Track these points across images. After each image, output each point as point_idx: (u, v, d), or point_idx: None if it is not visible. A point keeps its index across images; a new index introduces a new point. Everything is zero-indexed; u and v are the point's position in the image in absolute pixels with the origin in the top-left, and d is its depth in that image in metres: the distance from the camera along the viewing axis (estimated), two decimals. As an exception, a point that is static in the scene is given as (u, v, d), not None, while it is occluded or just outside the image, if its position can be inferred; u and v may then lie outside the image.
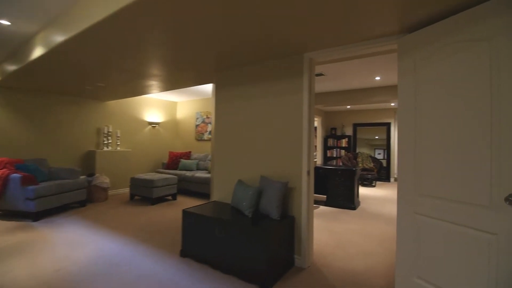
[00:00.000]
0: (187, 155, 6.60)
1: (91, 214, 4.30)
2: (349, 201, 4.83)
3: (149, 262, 2.59)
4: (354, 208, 4.78)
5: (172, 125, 7.47)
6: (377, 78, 4.65)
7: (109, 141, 5.95)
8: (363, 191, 6.73)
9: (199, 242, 2.60)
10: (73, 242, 3.08)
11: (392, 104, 7.69)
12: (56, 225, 3.70)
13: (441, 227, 1.69)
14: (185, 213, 2.74)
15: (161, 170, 6.42)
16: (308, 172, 2.60)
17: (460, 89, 1.59)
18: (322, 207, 4.94)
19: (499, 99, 1.42)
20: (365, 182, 7.65)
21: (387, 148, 8.55)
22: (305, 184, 2.57)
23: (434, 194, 1.73)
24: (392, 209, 4.83)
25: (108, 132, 5.97)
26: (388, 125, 8.57)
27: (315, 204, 5.13)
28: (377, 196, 6.12)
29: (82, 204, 4.73)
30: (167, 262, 2.61)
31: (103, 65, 3.22)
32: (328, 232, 3.55)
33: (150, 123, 6.87)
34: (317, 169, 5.17)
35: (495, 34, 1.43)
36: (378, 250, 2.99)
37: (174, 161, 6.51)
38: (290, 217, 2.58)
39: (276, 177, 2.77)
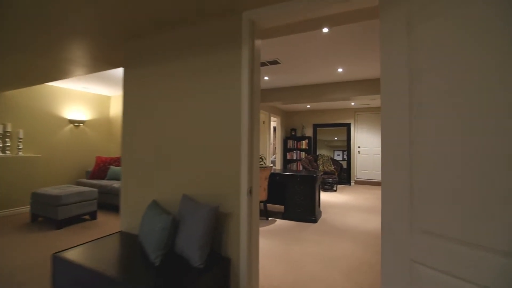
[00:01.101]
0: (119, 161, 5.39)
1: (-50, 250, 2.96)
2: (309, 213, 4.14)
3: None
4: (315, 221, 4.10)
5: (104, 124, 6.15)
6: (340, 70, 4.04)
7: (7, 144, 4.51)
8: (324, 196, 6.17)
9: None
10: None
11: (352, 103, 7.33)
12: None
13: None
14: (56, 260, 1.71)
15: (83, 180, 5.12)
16: (250, 191, 1.76)
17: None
18: (279, 221, 4.18)
19: None
20: (326, 186, 7.16)
21: (347, 150, 8.22)
22: (246, 208, 1.72)
23: (443, 230, 1.00)
24: (355, 220, 4.26)
25: (6, 132, 4.53)
26: (348, 125, 8.23)
27: (270, 217, 4.36)
28: (339, 202, 5.58)
29: None
30: None
31: None
32: (284, 261, 2.76)
33: (72, 121, 5.51)
34: (273, 175, 4.40)
35: None
36: (345, 286, 2.27)
37: (101, 169, 5.25)
38: (222, 260, 1.71)
39: (206, 197, 1.89)
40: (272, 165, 3.87)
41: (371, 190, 7.14)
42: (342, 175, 8.09)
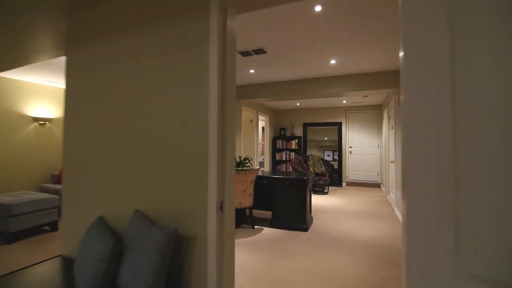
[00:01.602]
0: (90, 163, 4.85)
1: None
2: (299, 220, 3.75)
3: None
4: (306, 229, 3.71)
5: (75, 122, 5.58)
6: (332, 61, 3.67)
7: (-46, 145, 3.92)
8: (315, 200, 5.81)
9: None
10: None
11: (344, 101, 7.00)
12: None
13: None
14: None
15: (47, 185, 4.56)
16: (221, 206, 1.34)
17: None
18: (266, 230, 3.76)
19: None
20: (316, 189, 6.81)
21: (339, 150, 7.90)
22: (214, 229, 1.30)
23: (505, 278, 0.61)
24: (350, 227, 3.89)
25: (-47, 131, 3.94)
26: (339, 124, 7.92)
27: (257, 225, 3.94)
28: (331, 206, 5.22)
29: None
30: None
31: None
32: (268, 281, 2.35)
33: (37, 119, 4.93)
34: (260, 179, 3.99)
35: None
36: (343, 315, 1.88)
37: (69, 172, 4.70)
38: (183, 299, 1.28)
39: (164, 214, 1.45)
40: (258, 167, 3.45)
41: (363, 191, 6.84)
42: (333, 176, 7.77)
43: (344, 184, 7.77)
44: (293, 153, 8.12)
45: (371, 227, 3.88)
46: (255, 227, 3.89)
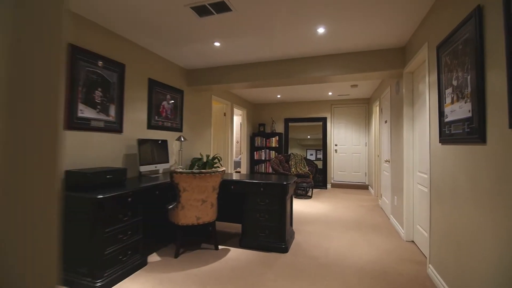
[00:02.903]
0: None
1: None
2: (277, 238, 2.87)
3: None
4: (285, 250, 2.84)
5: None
6: (321, 29, 2.82)
7: None
8: (297, 206, 4.97)
9: None
10: None
11: (330, 93, 6.23)
12: None
13: None
14: None
15: None
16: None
17: None
18: (233, 252, 2.85)
19: None
20: (299, 191, 5.99)
21: (323, 148, 7.14)
22: None
23: None
24: (340, 244, 3.07)
25: None
26: (324, 120, 7.16)
27: (222, 245, 3.01)
28: (316, 215, 4.39)
29: None
30: None
31: None
32: None
33: None
34: (227, 184, 3.07)
35: None
36: None
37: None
38: None
39: None
40: (224, 168, 2.51)
41: (350, 194, 6.10)
42: (317, 177, 7.00)
43: (329, 186, 7.02)
44: (273, 151, 7.26)
45: (366, 244, 3.07)
46: (219, 247, 2.97)
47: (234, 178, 3.16)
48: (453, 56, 1.84)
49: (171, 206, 2.77)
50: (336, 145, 7.19)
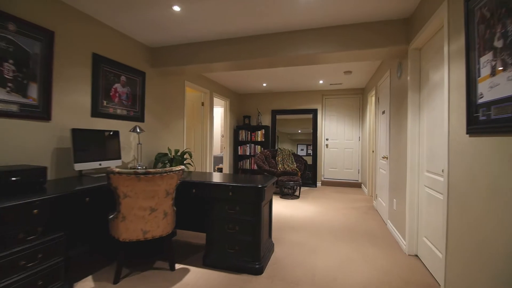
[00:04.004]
0: None
1: None
2: (250, 255, 2.26)
3: None
4: (259, 270, 2.23)
5: None
6: (306, -14, 2.17)
7: None
8: (282, 208, 4.38)
9: None
10: None
11: (321, 81, 5.62)
12: None
13: None
14: None
15: None
16: None
17: None
18: (193, 273, 2.22)
19: None
20: (285, 190, 5.39)
21: (313, 142, 6.55)
22: None
23: None
24: (331, 262, 2.48)
25: None
26: (314, 112, 6.55)
27: (180, 264, 2.38)
28: (303, 219, 3.81)
29: None
30: None
31: None
32: None
33: None
34: (187, 187, 2.43)
35: None
36: None
37: None
38: None
39: None
40: (182, 167, 1.84)
41: (342, 194, 5.55)
42: (307, 174, 6.43)
43: (319, 183, 6.46)
44: (259, 146, 6.64)
45: (361, 260, 2.50)
46: (177, 266, 2.34)
47: (194, 179, 2.51)
48: (498, 3, 1.23)
49: (111, 216, 2.12)
50: (327, 139, 6.61)
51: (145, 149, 3.55)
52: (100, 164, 2.63)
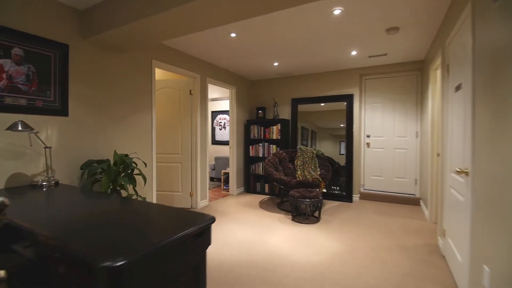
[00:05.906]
0: None
1: None
2: None
3: None
4: None
5: None
6: None
7: None
8: (281, 242, 2.90)
9: None
10: None
11: (353, 52, 3.92)
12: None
13: None
14: None
15: None
16: None
17: None
18: None
19: None
20: (301, 207, 3.84)
21: (347, 139, 4.81)
22: None
23: None
24: None
25: None
26: (349, 98, 4.81)
27: None
28: (310, 272, 2.30)
29: None
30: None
31: None
32: None
33: None
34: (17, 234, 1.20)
35: None
36: None
37: None
38: None
39: None
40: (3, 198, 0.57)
41: (388, 216, 3.76)
42: (340, 181, 4.76)
43: (356, 197, 4.72)
44: (275, 145, 5.19)
45: None
46: None
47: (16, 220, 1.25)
48: None
49: None
50: (368, 136, 4.82)
51: (68, 154, 2.47)
52: None
